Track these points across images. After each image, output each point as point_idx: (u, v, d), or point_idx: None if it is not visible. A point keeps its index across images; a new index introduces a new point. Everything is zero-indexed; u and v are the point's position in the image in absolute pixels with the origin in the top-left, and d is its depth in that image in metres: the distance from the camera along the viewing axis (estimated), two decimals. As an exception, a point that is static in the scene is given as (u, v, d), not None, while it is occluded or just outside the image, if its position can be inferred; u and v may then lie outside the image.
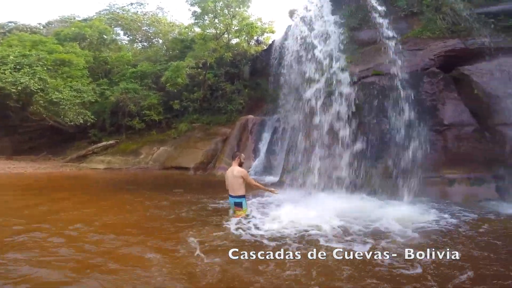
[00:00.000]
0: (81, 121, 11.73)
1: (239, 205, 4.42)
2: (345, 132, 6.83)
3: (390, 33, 7.34)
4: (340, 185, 6.46)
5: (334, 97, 7.28)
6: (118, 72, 15.11)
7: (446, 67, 6.82)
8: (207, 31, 15.48)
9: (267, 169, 10.90)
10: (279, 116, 11.64)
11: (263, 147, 11.79)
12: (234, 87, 14.31)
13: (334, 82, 7.40)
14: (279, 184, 7.59)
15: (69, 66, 12.71)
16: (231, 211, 4.66)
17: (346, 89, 7.20)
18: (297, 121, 8.40)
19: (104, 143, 12.42)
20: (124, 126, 12.99)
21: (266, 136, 12.14)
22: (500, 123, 5.87)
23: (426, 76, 6.70)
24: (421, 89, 6.59)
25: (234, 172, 4.43)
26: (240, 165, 4.59)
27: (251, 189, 4.83)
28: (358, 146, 6.68)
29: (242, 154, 4.80)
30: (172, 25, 21.22)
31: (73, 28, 16.23)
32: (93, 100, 12.35)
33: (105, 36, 17.48)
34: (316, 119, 7.23)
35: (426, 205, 5.37)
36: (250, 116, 12.96)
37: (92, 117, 12.27)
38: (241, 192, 4.40)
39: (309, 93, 7.57)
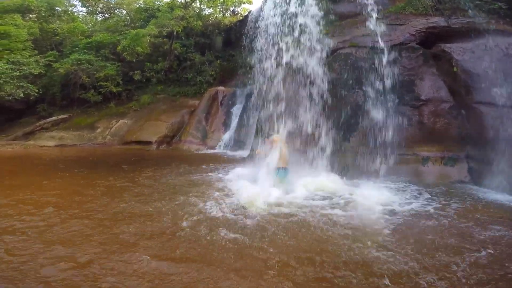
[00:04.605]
0: (22, 95, 10.25)
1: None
2: (318, 104, 6.53)
3: (371, 7, 7.21)
4: (312, 161, 6.11)
5: (308, 68, 7.01)
6: (71, 44, 13.47)
7: (426, 43, 6.70)
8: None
9: (238, 142, 10.22)
10: (251, 87, 10.92)
11: (234, 119, 11.03)
12: (205, 58, 13.27)
13: (309, 52, 7.07)
14: (249, 159, 7.19)
15: (7, 38, 11.17)
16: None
17: (321, 60, 6.94)
18: (268, 92, 8.11)
19: (55, 117, 11.01)
20: (77, 100, 11.60)
21: (237, 109, 11.39)
22: (477, 101, 5.75)
23: (405, 50, 6.59)
24: (399, 64, 6.45)
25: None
26: None
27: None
28: (331, 118, 6.38)
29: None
30: (138, -6, 19.35)
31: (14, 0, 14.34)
32: (36, 73, 10.84)
33: (57, 8, 15.68)
34: (289, 90, 6.84)
35: (397, 185, 5.13)
36: (221, 88, 12.06)
37: (36, 90, 10.79)
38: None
39: (282, 63, 7.10)
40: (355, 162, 6.22)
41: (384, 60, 6.53)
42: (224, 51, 13.97)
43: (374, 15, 7.10)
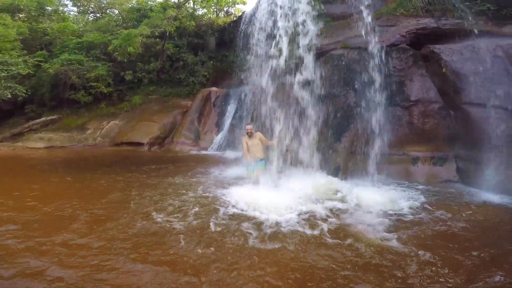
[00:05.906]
0: (9, 96, 10.01)
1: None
2: (309, 105, 6.59)
3: (363, 8, 7.21)
4: (303, 162, 6.17)
5: (300, 69, 7.05)
6: (61, 44, 13.25)
7: (416, 44, 6.79)
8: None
9: (231, 143, 10.16)
10: (244, 88, 10.89)
11: (227, 120, 10.99)
12: (198, 58, 13.18)
13: (300, 53, 7.14)
14: (241, 160, 7.10)
15: None
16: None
17: (313, 61, 6.98)
18: (260, 93, 8.09)
19: (43, 118, 10.80)
20: (67, 100, 11.40)
21: (230, 109, 11.34)
22: (465, 102, 5.84)
23: (395, 52, 6.66)
24: (389, 65, 6.52)
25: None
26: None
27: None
28: (323, 118, 6.45)
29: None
30: (131, -6, 19.15)
31: (3, -1, 14.05)
32: (25, 73, 10.60)
33: (47, 7, 15.43)
34: (280, 91, 6.92)
35: (387, 185, 5.20)
36: (214, 88, 12.01)
37: (24, 90, 10.56)
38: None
39: (274, 64, 7.17)
40: (346, 162, 6.23)
41: (375, 61, 6.56)
42: (218, 51, 13.90)
43: (366, 16, 7.13)
